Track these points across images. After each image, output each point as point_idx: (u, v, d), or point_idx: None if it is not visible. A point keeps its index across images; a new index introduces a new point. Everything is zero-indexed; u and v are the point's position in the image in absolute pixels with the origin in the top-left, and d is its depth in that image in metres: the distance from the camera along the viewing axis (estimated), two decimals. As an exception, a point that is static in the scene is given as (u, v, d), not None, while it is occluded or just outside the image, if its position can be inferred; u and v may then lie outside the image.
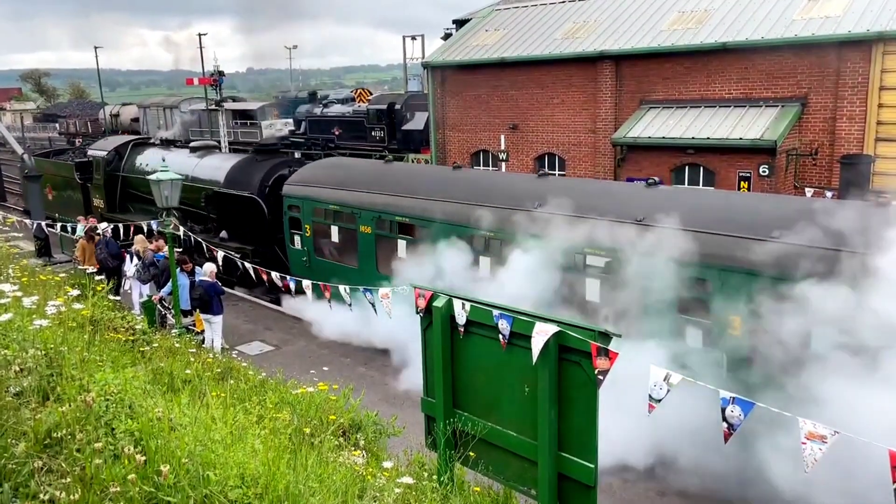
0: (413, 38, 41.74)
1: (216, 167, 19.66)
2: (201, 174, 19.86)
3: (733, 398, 5.88)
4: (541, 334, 5.44)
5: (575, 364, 5.47)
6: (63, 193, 26.74)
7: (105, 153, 24.20)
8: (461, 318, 6.15)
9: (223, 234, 18.91)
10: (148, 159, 22.65)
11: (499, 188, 12.87)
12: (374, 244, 14.38)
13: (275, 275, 14.17)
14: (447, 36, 29.06)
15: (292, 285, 13.52)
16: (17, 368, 4.24)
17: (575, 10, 23.77)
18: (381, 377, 12.52)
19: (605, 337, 5.38)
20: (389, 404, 10.81)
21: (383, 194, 14.26)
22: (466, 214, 12.59)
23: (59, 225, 20.22)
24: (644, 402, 6.08)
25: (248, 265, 15.24)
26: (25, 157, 23.48)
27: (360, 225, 14.54)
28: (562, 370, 5.55)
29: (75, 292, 6.44)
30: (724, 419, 5.91)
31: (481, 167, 24.38)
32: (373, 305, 11.23)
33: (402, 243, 13.81)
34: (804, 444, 5.50)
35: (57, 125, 34.39)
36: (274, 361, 12.96)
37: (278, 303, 17.15)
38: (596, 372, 5.32)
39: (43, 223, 20.72)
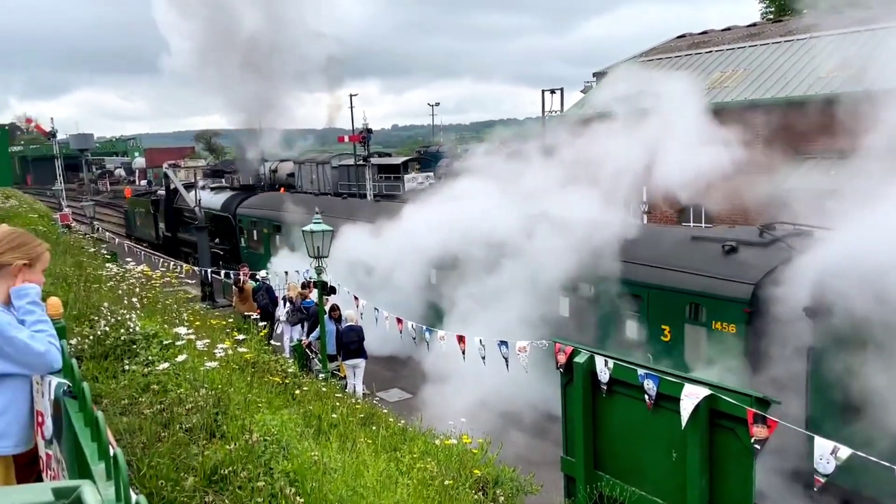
0: (552, 91, 42.09)
1: (219, 199, 30.82)
2: (216, 204, 30.33)
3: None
4: (691, 397, 5.18)
5: (728, 431, 5.15)
6: (144, 219, 39.60)
7: (166, 193, 35.42)
8: (604, 375, 6.00)
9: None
10: (190, 195, 30.65)
11: None
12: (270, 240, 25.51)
13: (410, 324, 14.49)
14: (586, 89, 29.11)
15: (427, 336, 13.73)
16: (189, 406, 4.61)
17: (722, 60, 23.08)
18: (519, 431, 12.35)
19: (763, 403, 5.04)
20: (527, 461, 10.62)
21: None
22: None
23: (222, 272, 21.97)
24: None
25: (384, 313, 15.73)
26: (197, 210, 25.82)
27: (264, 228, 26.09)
28: (714, 436, 5.24)
29: (241, 337, 6.94)
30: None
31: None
32: (506, 360, 11.10)
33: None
34: None
35: (223, 180, 37.64)
36: (413, 409, 13.16)
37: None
38: (752, 441, 4.98)
39: (209, 271, 22.60)
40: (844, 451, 5.46)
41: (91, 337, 5.60)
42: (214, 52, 31.79)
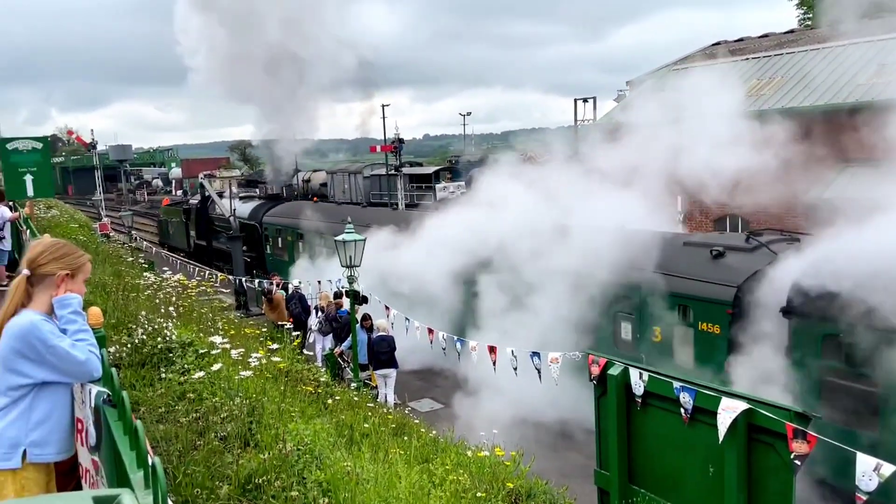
0: (584, 100, 41.85)
1: (247, 207, 31.51)
2: (244, 213, 30.74)
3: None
4: (728, 411, 5.08)
5: (767, 446, 5.04)
6: (176, 228, 40.88)
7: (197, 202, 36.74)
8: (638, 388, 5.92)
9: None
10: (220, 204, 32.35)
11: None
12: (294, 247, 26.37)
13: (441, 334, 14.48)
14: (620, 97, 28.91)
15: (459, 347, 13.69)
16: (224, 415, 4.66)
17: (759, 68, 22.76)
18: (552, 442, 12.24)
19: (803, 418, 4.92)
20: (560, 473, 10.51)
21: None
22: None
23: (256, 282, 22.24)
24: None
25: (416, 323, 15.74)
26: (231, 219, 26.20)
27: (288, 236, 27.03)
28: (752, 451, 5.12)
29: (275, 346, 7.01)
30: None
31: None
32: (538, 372, 11.04)
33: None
34: None
35: (258, 190, 38.20)
36: (444, 419, 13.13)
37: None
38: (792, 456, 4.86)
39: (243, 279, 22.88)
40: (888, 468, 5.30)
41: (129, 345, 5.70)
42: (243, 66, 32.33)
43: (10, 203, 10.13)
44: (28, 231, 9.64)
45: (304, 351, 14.88)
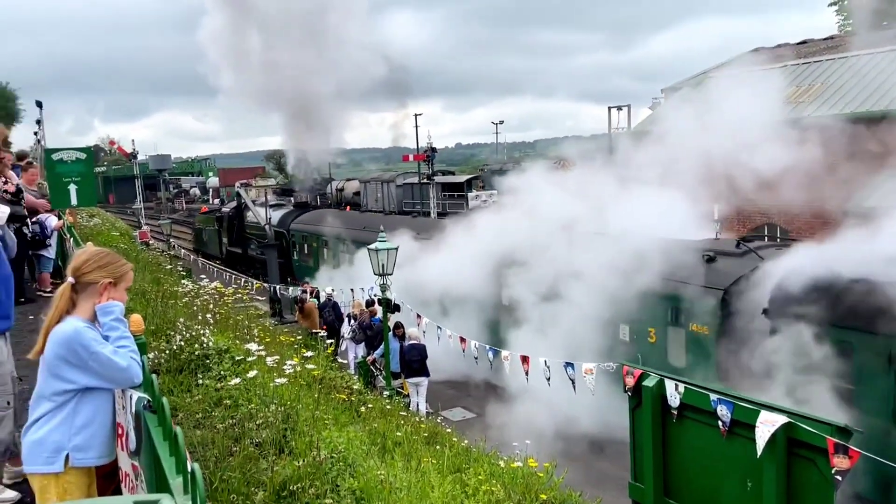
0: (619, 108, 41.51)
1: (276, 215, 32.12)
2: (273, 220, 31.42)
3: None
4: (767, 424, 4.98)
5: (807, 461, 4.92)
6: (210, 235, 42.33)
7: (230, 210, 38.19)
8: (674, 400, 5.83)
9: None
10: (255, 212, 32.91)
11: None
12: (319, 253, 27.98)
13: (473, 343, 14.44)
14: (654, 105, 28.63)
15: (491, 356, 13.63)
16: (259, 421, 4.71)
17: (798, 74, 22.37)
18: (585, 454, 12.12)
19: (844, 433, 4.80)
20: (592, 485, 10.40)
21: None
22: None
23: (290, 290, 22.48)
24: None
25: (448, 332, 15.73)
26: (267, 227, 26.54)
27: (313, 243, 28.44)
28: (791, 466, 5.01)
29: (309, 353, 7.07)
30: None
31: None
32: (572, 382, 10.94)
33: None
34: None
35: (292, 198, 38.74)
36: (476, 429, 13.08)
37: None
38: (833, 472, 4.74)
39: (278, 287, 23.15)
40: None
41: (167, 351, 5.80)
42: (273, 76, 32.82)
43: (57, 212, 10.39)
44: (71, 239, 9.88)
45: (338, 359, 14.98)
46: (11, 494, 4.45)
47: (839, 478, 4.71)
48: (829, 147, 19.57)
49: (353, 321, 16.84)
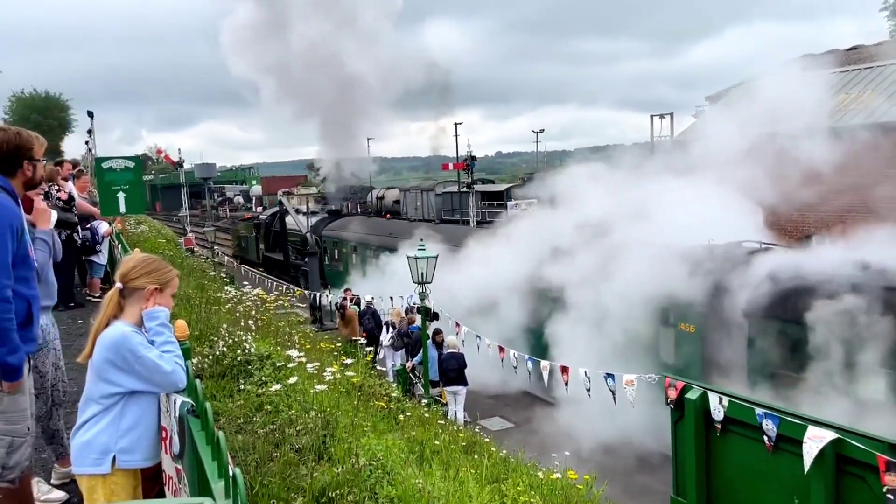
0: (661, 116, 40.96)
1: (311, 221, 32.58)
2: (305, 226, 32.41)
3: None
4: (815, 440, 4.84)
5: (857, 478, 4.77)
6: (248, 242, 43.56)
7: (267, 217, 39.90)
8: (718, 413, 5.71)
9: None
10: (296, 220, 33.90)
11: None
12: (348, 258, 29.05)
13: (512, 353, 14.38)
14: (698, 113, 28.22)
15: (530, 365, 13.55)
16: (299, 427, 4.76)
17: (847, 81, 21.80)
18: (627, 466, 11.94)
19: (897, 450, 4.63)
20: (634, 498, 10.25)
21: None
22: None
23: (329, 297, 22.71)
24: None
25: (486, 341, 15.69)
26: (308, 235, 26.88)
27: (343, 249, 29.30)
28: (840, 484, 4.86)
29: (349, 361, 7.12)
30: None
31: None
32: (612, 393, 10.81)
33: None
34: None
35: (333, 206, 39.34)
36: (514, 439, 13.01)
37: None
38: (885, 490, 4.58)
39: (318, 294, 23.40)
40: None
41: (210, 357, 5.90)
42: (310, 86, 33.33)
43: (108, 220, 10.71)
44: (120, 246, 10.16)
45: (377, 366, 15.05)
46: (60, 494, 4.58)
47: (891, 497, 4.55)
48: (878, 156, 19.01)
49: (391, 329, 16.93)
